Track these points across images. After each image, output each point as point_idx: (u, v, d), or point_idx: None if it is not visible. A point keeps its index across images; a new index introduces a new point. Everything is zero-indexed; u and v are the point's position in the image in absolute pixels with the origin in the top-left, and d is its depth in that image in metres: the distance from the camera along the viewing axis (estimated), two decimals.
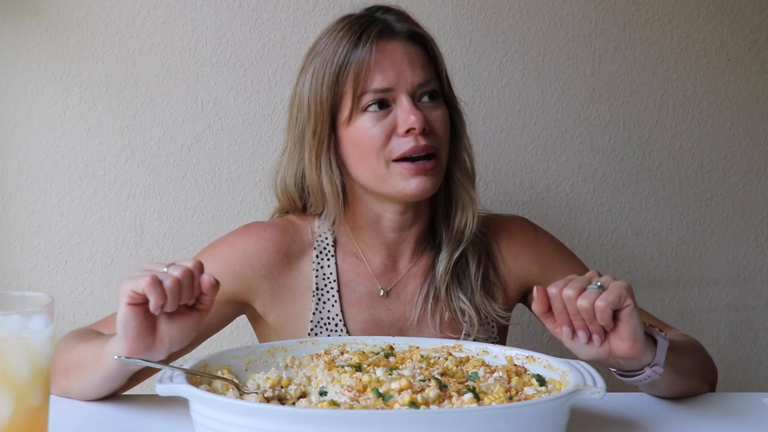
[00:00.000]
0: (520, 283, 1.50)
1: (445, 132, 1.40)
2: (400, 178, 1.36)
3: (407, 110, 1.35)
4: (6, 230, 1.86)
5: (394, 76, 1.37)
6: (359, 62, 1.37)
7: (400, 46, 1.39)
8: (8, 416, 0.94)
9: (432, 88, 1.39)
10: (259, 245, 1.43)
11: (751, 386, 2.10)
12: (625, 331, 1.13)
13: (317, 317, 1.43)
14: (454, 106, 1.45)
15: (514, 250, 1.50)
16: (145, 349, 1.12)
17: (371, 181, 1.39)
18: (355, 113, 1.37)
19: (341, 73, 1.38)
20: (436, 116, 1.38)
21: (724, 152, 2.08)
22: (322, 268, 1.45)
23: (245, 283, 1.42)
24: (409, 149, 1.35)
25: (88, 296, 1.88)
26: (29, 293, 1.01)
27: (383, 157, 1.36)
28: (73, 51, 1.85)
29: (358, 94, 1.37)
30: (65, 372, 1.24)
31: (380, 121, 1.36)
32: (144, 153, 1.89)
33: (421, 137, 1.35)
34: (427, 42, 1.42)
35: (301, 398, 1.10)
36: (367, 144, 1.37)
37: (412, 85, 1.37)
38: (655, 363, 1.16)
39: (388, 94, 1.37)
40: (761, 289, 2.12)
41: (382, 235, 1.45)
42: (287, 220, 1.49)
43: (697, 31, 2.05)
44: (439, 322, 1.44)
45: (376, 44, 1.38)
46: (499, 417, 0.96)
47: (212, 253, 1.44)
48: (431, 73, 1.40)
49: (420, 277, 1.47)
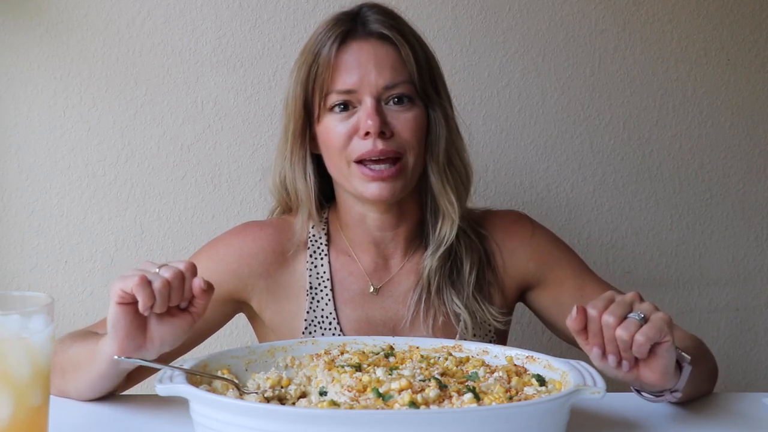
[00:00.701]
0: (518, 280, 1.49)
1: (414, 136, 1.37)
2: (360, 181, 1.36)
3: (366, 113, 1.34)
4: (6, 230, 1.86)
5: (358, 77, 1.36)
6: (326, 62, 1.37)
7: (369, 46, 1.38)
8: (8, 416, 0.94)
9: (401, 91, 1.37)
10: (255, 244, 1.44)
11: (751, 386, 2.10)
12: (658, 365, 1.10)
13: (311, 316, 1.43)
14: (436, 109, 1.41)
15: (511, 245, 1.48)
16: (136, 348, 1.12)
17: (339, 179, 1.40)
18: (322, 112, 1.38)
19: (311, 71, 1.39)
20: (404, 119, 1.36)
21: (724, 152, 2.08)
22: (316, 267, 1.45)
23: (242, 281, 1.42)
24: (366, 152, 1.34)
25: (88, 296, 1.88)
26: (29, 293, 1.01)
27: (344, 157, 1.36)
28: (73, 51, 1.85)
29: (324, 93, 1.37)
30: (62, 372, 1.24)
31: (344, 121, 1.36)
32: (144, 153, 1.89)
33: (380, 141, 1.34)
34: (402, 44, 1.38)
35: (301, 398, 1.10)
36: (332, 143, 1.37)
37: (376, 88, 1.35)
38: (676, 389, 1.15)
39: (351, 96, 1.36)
40: (761, 289, 2.12)
41: (369, 234, 1.45)
42: (283, 219, 1.49)
43: (697, 31, 2.05)
44: (432, 325, 1.43)
45: (345, 44, 1.37)
46: (499, 417, 0.96)
47: (209, 252, 1.45)
48: (403, 75, 1.37)
49: (412, 276, 1.46)
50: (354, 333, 1.42)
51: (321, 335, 1.42)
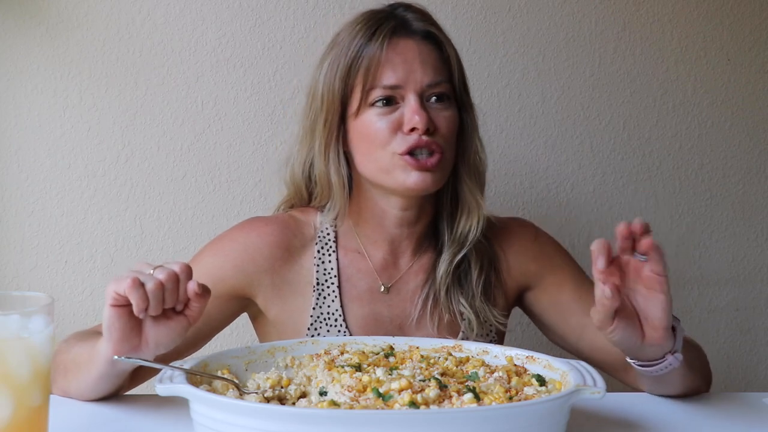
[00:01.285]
0: (519, 283, 1.50)
1: (452, 134, 1.40)
2: (402, 170, 1.36)
3: (412, 109, 1.36)
4: (6, 230, 1.86)
5: (404, 74, 1.37)
6: (371, 57, 1.38)
7: (414, 44, 1.39)
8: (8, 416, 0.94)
9: (442, 90, 1.39)
10: (260, 239, 1.43)
11: (751, 386, 2.10)
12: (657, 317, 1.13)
13: (317, 312, 1.43)
14: (467, 110, 1.45)
15: (515, 248, 1.50)
16: (131, 350, 1.12)
17: (375, 173, 1.39)
18: (363, 107, 1.38)
19: (353, 66, 1.39)
20: (443, 117, 1.38)
21: (724, 152, 2.08)
22: (323, 263, 1.45)
23: (247, 277, 1.42)
24: (413, 144, 1.35)
25: (88, 296, 1.88)
26: (29, 293, 1.01)
27: (388, 150, 1.37)
28: (73, 51, 1.85)
29: (367, 88, 1.38)
30: (64, 372, 1.24)
31: (386, 116, 1.37)
32: (144, 153, 1.89)
33: (425, 136, 1.36)
34: (443, 43, 1.42)
35: (301, 398, 1.10)
36: (373, 137, 1.37)
37: (421, 85, 1.37)
38: (675, 350, 1.17)
39: (396, 92, 1.37)
40: (761, 289, 2.12)
41: (386, 231, 1.45)
42: (289, 215, 1.49)
43: (697, 31, 2.05)
44: (437, 324, 1.44)
45: (389, 40, 1.39)
46: (499, 417, 0.96)
47: (214, 249, 1.45)
48: (443, 74, 1.40)
49: (421, 275, 1.47)
50: (360, 330, 1.42)
51: (327, 332, 1.42)
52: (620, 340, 1.14)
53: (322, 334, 1.42)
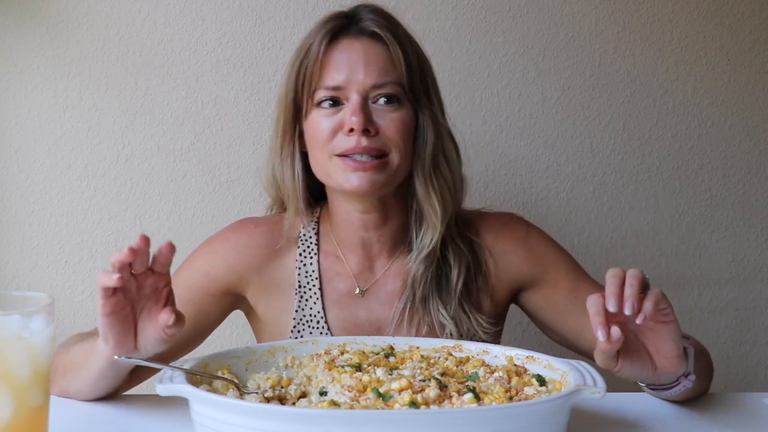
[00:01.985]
0: (510, 283, 1.47)
1: (400, 136, 1.36)
2: (341, 172, 1.36)
3: (351, 110, 1.35)
4: (6, 230, 1.86)
5: (347, 74, 1.36)
6: (315, 58, 1.38)
7: (360, 45, 1.38)
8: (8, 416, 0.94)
9: (389, 91, 1.36)
10: (251, 239, 1.45)
11: (751, 386, 2.10)
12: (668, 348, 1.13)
13: (299, 314, 1.43)
14: (425, 112, 1.40)
15: (504, 247, 1.46)
16: (126, 353, 1.13)
17: (321, 174, 1.40)
18: (309, 108, 1.39)
19: (301, 67, 1.39)
20: (389, 119, 1.36)
21: (724, 152, 2.08)
22: (305, 266, 1.45)
23: (239, 275, 1.44)
24: (351, 147, 1.35)
25: (88, 296, 1.88)
26: (29, 293, 1.01)
27: (327, 151, 1.37)
28: (73, 51, 1.85)
29: (313, 89, 1.38)
30: (63, 372, 1.25)
31: (330, 117, 1.37)
32: (144, 153, 1.89)
33: (364, 138, 1.34)
34: (393, 44, 1.38)
35: (301, 398, 1.09)
36: (317, 138, 1.37)
37: (364, 86, 1.36)
38: (688, 372, 1.17)
39: (339, 92, 1.36)
40: (761, 289, 2.12)
41: (355, 234, 1.44)
42: (280, 216, 1.49)
43: (697, 31, 2.05)
44: (415, 332, 1.42)
45: (336, 42, 1.38)
46: (499, 417, 0.96)
47: (206, 249, 1.47)
48: (392, 75, 1.37)
49: (399, 279, 1.45)
50: (341, 333, 1.42)
51: (309, 333, 1.43)
52: (630, 375, 1.14)
53: (305, 336, 1.42)
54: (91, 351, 1.19)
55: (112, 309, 1.11)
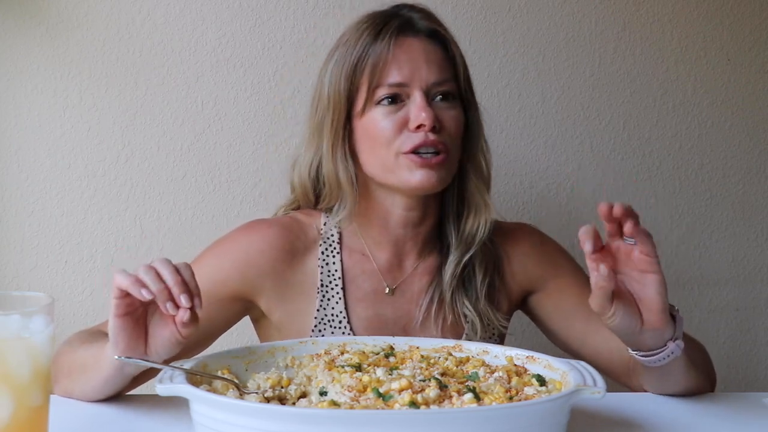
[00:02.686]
0: (523, 287, 1.50)
1: (457, 133, 1.40)
2: (407, 169, 1.36)
3: (419, 107, 1.36)
4: (6, 230, 1.86)
5: (410, 72, 1.37)
6: (376, 55, 1.38)
7: (419, 43, 1.40)
8: (8, 416, 0.94)
9: (447, 88, 1.39)
10: (263, 242, 1.43)
11: (751, 386, 2.10)
12: (653, 299, 1.13)
13: (321, 314, 1.43)
14: (471, 110, 1.45)
15: (519, 252, 1.50)
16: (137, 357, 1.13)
17: (380, 172, 1.39)
18: (368, 105, 1.38)
19: (359, 64, 1.39)
20: (449, 116, 1.38)
21: (724, 152, 2.08)
22: (327, 265, 1.45)
23: (249, 280, 1.41)
24: (419, 143, 1.35)
25: (88, 296, 1.88)
26: (29, 293, 1.01)
27: (393, 149, 1.37)
28: (73, 51, 1.85)
29: (373, 86, 1.38)
30: (68, 373, 1.25)
31: (392, 114, 1.37)
32: (144, 153, 1.89)
33: (431, 134, 1.36)
34: (448, 42, 1.42)
35: (301, 398, 1.09)
36: (378, 135, 1.37)
37: (426, 83, 1.37)
38: (676, 336, 1.17)
39: (401, 89, 1.37)
40: (761, 289, 2.12)
41: (390, 232, 1.45)
42: (291, 217, 1.48)
43: (697, 31, 2.05)
44: (441, 326, 1.44)
45: (395, 39, 1.39)
46: (499, 417, 0.96)
47: (215, 251, 1.45)
48: (448, 73, 1.40)
49: (425, 276, 1.47)
50: (364, 332, 1.42)
51: (331, 333, 1.42)
52: (620, 325, 1.14)
53: (325, 336, 1.41)
54: (98, 355, 1.18)
55: (125, 310, 1.11)
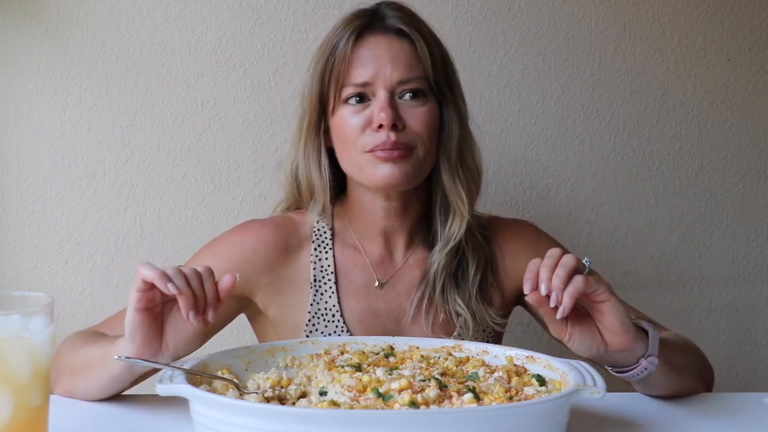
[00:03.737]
0: (518, 284, 1.49)
1: (426, 130, 1.39)
2: (371, 166, 1.37)
3: (380, 106, 1.36)
4: (6, 230, 1.86)
5: (374, 70, 1.38)
6: (342, 55, 1.39)
7: (386, 41, 1.40)
8: (8, 416, 0.94)
9: (415, 86, 1.38)
10: (257, 241, 1.44)
11: (751, 386, 2.10)
12: (612, 323, 1.14)
13: (314, 308, 1.44)
14: (449, 107, 1.43)
15: (514, 248, 1.50)
16: (152, 354, 1.13)
17: (351, 170, 1.42)
18: (337, 105, 1.40)
19: (327, 64, 1.41)
20: (416, 113, 1.38)
21: (724, 152, 2.08)
22: (320, 260, 1.46)
23: (246, 278, 1.42)
24: (379, 143, 1.36)
25: (88, 296, 1.88)
26: (29, 293, 1.01)
27: (358, 147, 1.38)
28: (73, 51, 1.85)
29: (340, 86, 1.39)
30: (70, 373, 1.24)
31: (358, 113, 1.38)
32: (144, 153, 1.89)
33: (393, 133, 1.36)
34: (418, 40, 1.41)
35: (301, 398, 1.09)
36: (346, 135, 1.39)
37: (391, 82, 1.37)
38: (649, 354, 1.17)
39: (366, 89, 1.38)
40: (761, 289, 2.12)
41: (377, 224, 1.46)
42: (285, 216, 1.50)
43: (697, 31, 2.05)
44: (432, 322, 1.44)
45: (362, 38, 1.40)
46: (499, 417, 0.96)
47: (211, 251, 1.46)
48: (417, 70, 1.39)
49: (416, 269, 1.47)
50: (357, 325, 1.43)
51: (324, 327, 1.43)
52: (579, 348, 1.16)
53: (320, 330, 1.42)
54: (105, 354, 1.18)
55: (146, 304, 1.11)
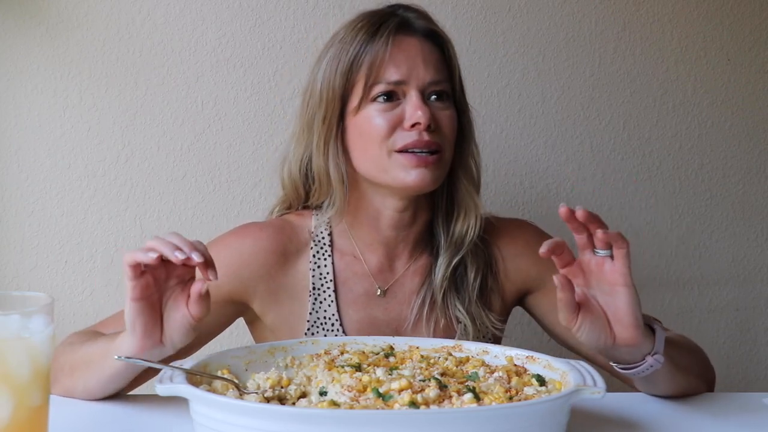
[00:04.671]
0: (518, 286, 1.49)
1: (452, 133, 1.40)
2: (401, 168, 1.36)
3: (415, 105, 1.36)
4: (6, 230, 1.86)
5: (407, 70, 1.38)
6: (374, 53, 1.38)
7: (417, 42, 1.40)
8: (8, 416, 0.94)
9: (442, 88, 1.39)
10: (255, 245, 1.43)
11: (751, 386, 2.10)
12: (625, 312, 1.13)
13: (314, 317, 1.43)
14: (464, 112, 1.45)
15: (514, 251, 1.49)
16: (153, 345, 1.13)
17: (373, 171, 1.39)
18: (364, 102, 1.38)
19: (355, 62, 1.39)
20: (444, 116, 1.39)
21: (724, 152, 2.08)
22: (319, 268, 1.45)
23: (242, 283, 1.41)
24: (412, 142, 1.35)
25: (88, 296, 1.88)
26: (29, 293, 1.01)
27: (386, 147, 1.36)
28: (73, 51, 1.85)
29: (370, 83, 1.38)
30: (71, 371, 1.24)
31: (387, 112, 1.37)
32: (144, 153, 1.89)
33: (426, 133, 1.36)
34: (444, 43, 1.43)
35: (301, 398, 1.09)
36: (372, 133, 1.37)
37: (423, 82, 1.38)
38: (655, 351, 1.16)
39: (398, 87, 1.37)
40: (761, 289, 2.12)
41: (380, 233, 1.44)
42: (283, 219, 1.49)
43: (697, 31, 2.05)
44: (433, 328, 1.43)
45: (393, 37, 1.39)
46: (499, 417, 0.96)
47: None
48: (444, 74, 1.41)
49: (417, 278, 1.46)
50: (357, 334, 1.42)
51: (323, 336, 1.42)
52: (587, 339, 1.14)
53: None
54: (107, 350, 1.18)
55: (141, 293, 1.12)
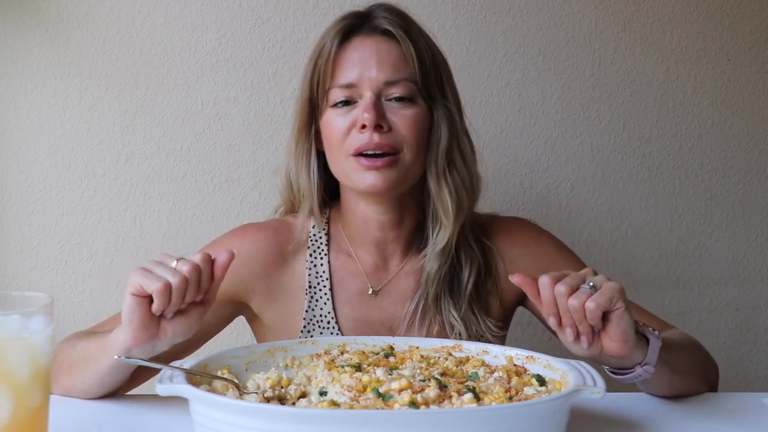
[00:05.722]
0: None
1: (412, 133, 1.36)
2: (356, 172, 1.36)
3: (364, 106, 1.35)
4: (6, 230, 1.86)
5: (359, 72, 1.36)
6: (328, 57, 1.38)
7: (372, 42, 1.38)
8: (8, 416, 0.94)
9: (401, 88, 1.37)
10: (254, 246, 1.43)
11: (751, 386, 2.10)
12: (615, 332, 1.12)
13: (309, 315, 1.43)
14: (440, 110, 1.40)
15: (513, 251, 1.48)
16: (149, 338, 1.13)
17: (341, 175, 1.40)
18: (324, 107, 1.39)
19: (316, 66, 1.40)
20: (402, 116, 1.36)
21: (724, 152, 2.08)
22: (315, 267, 1.45)
23: (242, 283, 1.42)
24: (363, 145, 1.35)
25: (88, 296, 1.88)
26: (29, 293, 1.01)
27: (344, 151, 1.37)
28: (73, 51, 1.85)
29: (327, 88, 1.38)
30: (68, 368, 1.24)
31: (344, 116, 1.37)
32: (144, 153, 1.89)
33: (376, 134, 1.34)
34: (404, 41, 1.38)
35: (301, 398, 1.09)
36: (333, 137, 1.38)
37: (376, 83, 1.36)
38: (646, 362, 1.16)
39: (352, 90, 1.37)
40: (761, 289, 2.12)
41: (370, 234, 1.44)
42: (282, 220, 1.49)
43: (697, 31, 2.05)
44: (427, 331, 1.42)
45: (348, 40, 1.39)
46: (499, 417, 0.96)
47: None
48: (404, 73, 1.37)
49: (411, 277, 1.45)
50: (352, 333, 1.42)
51: (320, 334, 1.42)
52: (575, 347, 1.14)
53: (315, 337, 1.42)
54: (103, 344, 1.18)
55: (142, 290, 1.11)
